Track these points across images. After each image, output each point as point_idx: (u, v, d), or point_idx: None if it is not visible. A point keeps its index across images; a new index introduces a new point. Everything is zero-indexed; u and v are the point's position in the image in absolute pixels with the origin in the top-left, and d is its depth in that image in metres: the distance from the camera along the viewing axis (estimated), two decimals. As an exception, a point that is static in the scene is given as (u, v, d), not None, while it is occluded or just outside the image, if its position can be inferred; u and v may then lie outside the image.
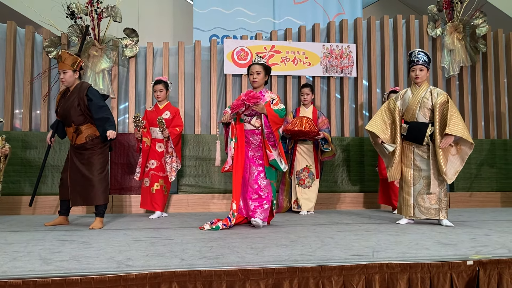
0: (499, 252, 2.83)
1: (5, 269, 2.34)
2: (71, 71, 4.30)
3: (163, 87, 5.36)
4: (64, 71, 4.29)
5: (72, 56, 4.34)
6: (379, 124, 4.62)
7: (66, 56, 4.30)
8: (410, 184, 4.50)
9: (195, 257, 2.69)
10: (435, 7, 7.05)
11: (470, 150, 4.40)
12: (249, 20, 8.35)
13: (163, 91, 5.36)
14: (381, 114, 4.66)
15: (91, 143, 4.29)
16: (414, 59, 4.50)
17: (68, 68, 4.29)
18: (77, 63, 4.36)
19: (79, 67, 4.40)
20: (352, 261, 2.53)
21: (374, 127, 4.60)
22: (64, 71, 4.29)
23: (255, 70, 4.38)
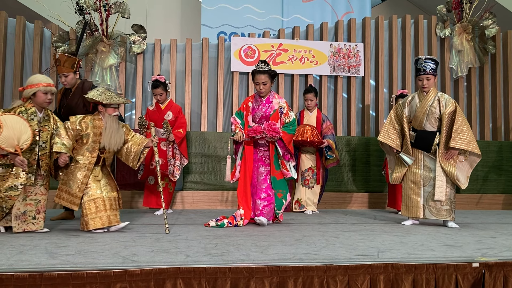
0: (505, 255, 2.81)
1: (11, 262, 2.36)
2: (72, 73, 4.30)
3: (162, 90, 5.15)
4: (65, 74, 4.27)
5: (70, 57, 4.32)
6: (390, 132, 4.59)
7: (64, 59, 4.26)
8: (420, 185, 4.45)
9: (200, 253, 2.69)
10: (444, 8, 7.01)
11: (478, 159, 4.38)
12: (257, 18, 8.34)
13: (163, 94, 5.16)
14: (391, 122, 4.62)
15: None
16: (420, 68, 4.42)
17: (69, 71, 4.27)
18: (76, 63, 4.35)
19: (79, 67, 4.40)
20: (357, 261, 2.52)
21: (387, 138, 4.57)
22: (65, 74, 4.27)
23: (261, 81, 4.29)
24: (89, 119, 3.74)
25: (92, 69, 6.17)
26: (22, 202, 3.51)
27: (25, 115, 3.49)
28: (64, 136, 3.60)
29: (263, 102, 4.37)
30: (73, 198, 3.62)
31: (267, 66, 4.32)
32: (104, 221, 3.59)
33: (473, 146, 4.29)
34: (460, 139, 4.26)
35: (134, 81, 6.48)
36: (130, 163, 3.87)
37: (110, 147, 3.72)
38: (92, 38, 6.11)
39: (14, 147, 3.36)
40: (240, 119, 4.40)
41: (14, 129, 3.37)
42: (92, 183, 3.64)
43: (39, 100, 3.56)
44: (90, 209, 3.58)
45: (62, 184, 3.69)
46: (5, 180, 3.46)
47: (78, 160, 3.66)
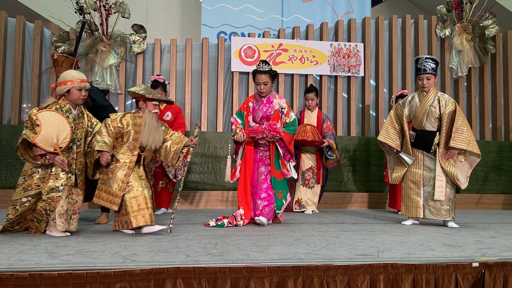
0: (505, 255, 2.81)
1: (11, 261, 2.36)
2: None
3: (161, 90, 5.16)
4: None
5: (68, 58, 4.31)
6: (390, 132, 4.59)
7: (62, 59, 4.26)
8: (420, 185, 4.45)
9: (200, 253, 2.69)
10: (444, 8, 7.01)
11: (478, 158, 4.39)
12: (257, 18, 8.34)
13: (162, 95, 5.15)
14: (391, 122, 4.63)
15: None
16: (421, 67, 4.42)
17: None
18: (74, 64, 4.35)
19: (77, 67, 4.40)
20: (357, 261, 2.52)
21: (387, 138, 4.58)
22: None
23: (262, 81, 4.30)
24: (130, 116, 3.66)
25: (92, 69, 6.17)
26: (65, 200, 3.38)
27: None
28: (105, 134, 3.51)
29: (264, 102, 4.37)
30: (113, 197, 3.51)
31: (268, 66, 4.33)
32: (146, 219, 3.47)
33: (472, 146, 4.29)
34: (460, 139, 4.26)
35: (134, 81, 6.47)
36: (170, 162, 3.79)
37: (148, 145, 3.62)
38: (92, 38, 6.11)
39: (53, 146, 3.26)
40: (240, 119, 4.40)
41: (52, 126, 3.27)
42: (134, 181, 3.54)
43: (74, 97, 3.45)
44: (132, 207, 3.47)
45: (101, 183, 3.58)
46: (46, 181, 3.34)
47: (119, 158, 3.56)
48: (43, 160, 3.33)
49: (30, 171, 3.38)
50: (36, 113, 3.28)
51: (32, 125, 3.26)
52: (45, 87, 6.27)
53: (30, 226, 3.47)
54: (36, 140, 3.21)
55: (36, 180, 3.35)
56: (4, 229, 3.40)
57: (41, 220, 3.40)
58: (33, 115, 3.26)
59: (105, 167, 3.57)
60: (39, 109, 3.34)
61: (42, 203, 3.35)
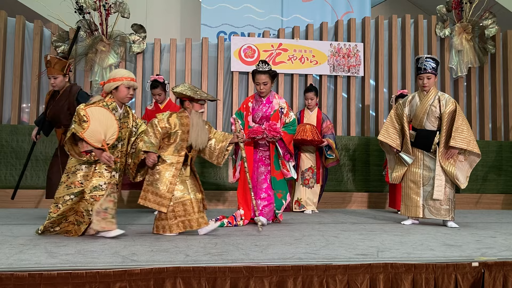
0: (505, 255, 2.81)
1: (11, 261, 2.36)
2: (61, 76, 4.28)
3: (161, 90, 5.18)
4: (54, 76, 4.27)
5: (61, 60, 4.32)
6: (390, 132, 4.59)
7: (55, 61, 4.27)
8: (419, 185, 4.45)
9: (200, 253, 2.69)
10: (444, 7, 7.00)
11: (478, 158, 4.39)
12: (257, 17, 8.33)
13: (162, 94, 5.19)
14: (391, 121, 4.63)
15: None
16: (421, 67, 4.42)
17: (58, 73, 4.27)
18: (66, 67, 4.36)
19: (69, 70, 4.41)
20: (357, 261, 2.52)
21: (387, 137, 4.58)
22: (55, 76, 4.27)
23: (261, 81, 4.29)
24: (176, 116, 3.56)
25: (92, 68, 6.17)
26: (106, 198, 3.25)
27: None
28: (152, 134, 3.43)
29: (263, 102, 4.37)
30: (161, 199, 3.43)
31: (267, 66, 4.33)
32: (193, 224, 3.42)
33: (472, 145, 4.29)
34: (460, 139, 4.26)
35: (134, 81, 6.47)
36: (215, 160, 3.72)
37: (197, 145, 3.55)
38: (92, 38, 6.11)
39: (101, 142, 3.18)
40: (240, 119, 4.40)
41: (100, 122, 3.20)
42: (180, 184, 3.46)
43: (121, 95, 3.36)
44: (179, 211, 3.42)
45: (147, 185, 3.49)
46: (89, 179, 3.25)
47: (166, 159, 3.49)
48: (88, 157, 3.23)
49: (73, 168, 3.28)
50: (84, 108, 3.21)
51: (80, 121, 3.18)
52: (44, 86, 6.27)
53: (70, 230, 3.36)
54: (84, 134, 3.14)
55: (80, 178, 3.25)
56: (45, 229, 3.31)
57: (81, 223, 3.30)
58: (81, 110, 3.19)
59: (151, 168, 3.48)
60: (87, 105, 3.26)
61: (84, 203, 3.25)
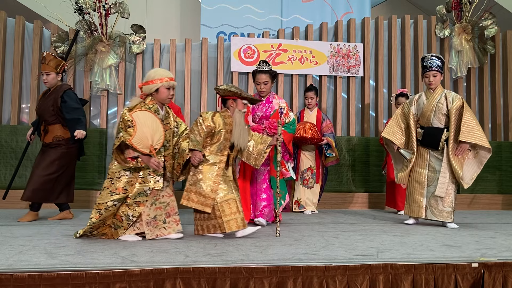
0: (504, 255, 2.81)
1: (11, 262, 2.36)
2: (54, 74, 4.34)
3: None
4: (47, 73, 4.32)
5: (56, 59, 4.37)
6: (395, 130, 4.59)
7: (50, 58, 4.33)
8: (424, 185, 4.45)
9: (200, 254, 2.69)
10: (444, 8, 7.00)
11: (488, 154, 4.33)
12: (256, 18, 8.34)
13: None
14: (396, 120, 4.64)
15: (56, 143, 4.31)
16: (427, 65, 4.45)
17: (51, 71, 4.32)
18: (61, 66, 4.40)
19: (62, 70, 4.44)
20: (357, 261, 2.52)
21: (390, 134, 4.59)
22: (47, 73, 4.32)
23: (262, 81, 4.31)
24: (219, 115, 3.52)
25: (92, 69, 6.16)
26: (151, 207, 3.23)
27: None
28: (197, 132, 3.39)
29: (263, 102, 4.38)
30: (205, 199, 3.38)
31: (268, 66, 4.35)
32: (239, 223, 3.37)
33: (482, 140, 4.25)
34: (470, 133, 4.23)
35: (133, 81, 6.47)
36: (252, 162, 3.68)
37: (239, 145, 3.50)
38: (92, 38, 6.11)
39: (148, 147, 3.11)
40: None
41: (147, 127, 3.13)
42: (224, 184, 3.43)
43: (162, 96, 3.29)
44: (224, 211, 3.35)
45: (190, 185, 3.43)
46: (133, 185, 3.17)
47: (209, 159, 3.44)
48: (134, 163, 3.14)
49: (117, 174, 3.19)
50: (130, 113, 3.13)
51: (126, 126, 3.10)
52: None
53: (106, 233, 3.31)
54: (132, 141, 3.07)
55: (124, 184, 3.17)
56: (84, 233, 3.25)
57: (119, 227, 3.24)
58: (126, 115, 3.12)
59: (194, 167, 3.44)
60: (130, 109, 3.18)
61: (124, 208, 3.19)
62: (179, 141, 3.41)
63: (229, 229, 3.36)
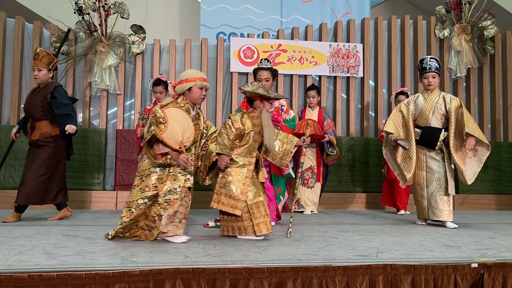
0: (504, 255, 2.82)
1: (10, 262, 2.36)
2: (45, 70, 4.35)
3: (163, 88, 5.26)
4: (39, 68, 4.33)
5: (49, 55, 4.39)
6: (396, 124, 4.61)
7: (44, 54, 4.34)
8: (423, 187, 4.50)
9: (199, 254, 2.69)
10: (443, 8, 7.01)
11: (487, 152, 4.37)
12: (256, 18, 8.34)
13: (163, 93, 5.26)
14: (394, 116, 4.66)
15: (43, 140, 4.30)
16: (426, 66, 4.52)
17: (44, 67, 4.33)
18: (53, 63, 4.41)
19: (54, 67, 4.45)
20: (356, 262, 2.52)
21: (389, 128, 4.60)
22: (39, 68, 4.33)
23: (263, 77, 4.34)
24: (247, 117, 3.47)
25: (91, 69, 6.16)
26: (178, 202, 3.18)
27: None
28: (225, 136, 3.36)
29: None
30: (235, 201, 3.35)
31: (269, 64, 4.42)
32: (268, 226, 3.34)
33: (482, 136, 4.32)
34: (473, 128, 4.28)
35: (133, 82, 6.47)
36: (278, 162, 3.63)
37: (269, 146, 3.46)
38: (91, 39, 6.11)
39: (178, 143, 3.09)
40: None
41: (179, 123, 3.11)
42: (252, 186, 3.40)
43: (195, 96, 3.28)
44: (254, 213, 3.33)
45: (220, 187, 3.40)
46: (163, 183, 3.14)
47: (238, 161, 3.40)
48: (163, 160, 3.13)
49: (147, 171, 3.17)
50: (161, 109, 3.13)
51: (157, 122, 3.09)
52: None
53: (140, 235, 3.26)
54: (163, 136, 3.05)
55: (154, 181, 3.14)
56: (116, 234, 3.21)
57: (153, 228, 3.20)
58: (158, 111, 3.11)
59: (222, 170, 3.41)
60: (162, 106, 3.17)
61: (156, 208, 3.15)
62: (207, 143, 3.40)
63: (259, 232, 3.34)
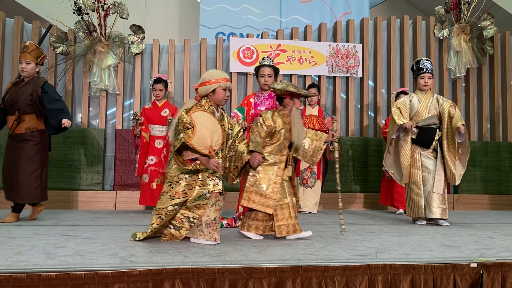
0: (503, 255, 2.82)
1: (9, 262, 2.35)
2: (33, 64, 4.34)
3: (163, 86, 5.37)
4: (27, 61, 4.31)
5: (38, 49, 4.40)
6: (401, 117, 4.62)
7: (33, 48, 4.34)
8: (420, 186, 4.57)
9: (199, 254, 2.69)
10: (443, 8, 7.02)
11: (467, 155, 4.55)
12: (255, 18, 8.34)
13: (163, 91, 5.38)
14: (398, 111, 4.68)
15: (30, 134, 4.27)
16: (423, 67, 4.65)
17: (32, 60, 4.33)
18: (41, 57, 4.42)
19: (42, 62, 4.45)
20: (355, 262, 2.52)
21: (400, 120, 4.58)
22: (28, 61, 4.31)
23: (266, 73, 4.38)
24: (277, 115, 3.44)
25: (91, 69, 6.16)
26: (211, 208, 3.13)
27: None
28: (257, 133, 3.34)
29: (266, 97, 4.43)
30: (266, 200, 3.32)
31: (272, 62, 4.48)
32: (289, 229, 3.33)
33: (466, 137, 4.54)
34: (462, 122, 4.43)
35: (132, 82, 6.47)
36: (309, 160, 3.58)
37: (298, 143, 3.44)
38: (91, 39, 6.10)
39: (207, 148, 3.04)
40: (241, 113, 4.46)
41: (206, 127, 3.08)
42: (280, 187, 3.37)
43: (219, 97, 3.23)
44: (277, 215, 3.33)
45: (250, 185, 3.36)
46: (192, 189, 3.09)
47: (269, 159, 3.37)
48: (193, 166, 3.08)
49: (176, 178, 3.13)
50: (188, 114, 3.10)
51: (184, 128, 3.05)
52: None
53: (164, 233, 3.23)
54: (192, 142, 3.01)
55: (183, 187, 3.10)
56: (144, 238, 3.18)
57: (180, 228, 3.16)
58: (185, 116, 3.08)
59: (252, 168, 3.38)
60: (187, 111, 3.14)
61: (184, 210, 3.13)
62: (235, 144, 3.36)
63: (279, 234, 3.34)
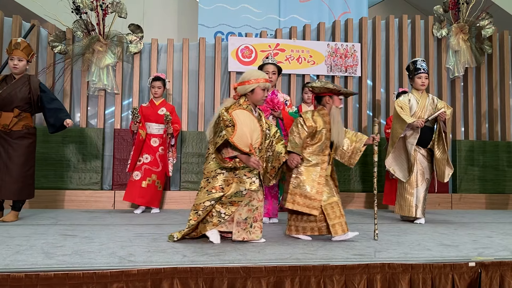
0: (501, 254, 2.82)
1: (7, 262, 2.35)
2: (25, 61, 4.38)
3: (161, 84, 5.48)
4: (20, 58, 4.32)
5: (29, 47, 4.43)
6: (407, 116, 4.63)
7: (25, 45, 4.37)
8: (414, 185, 4.65)
9: (197, 253, 2.69)
10: (441, 8, 7.02)
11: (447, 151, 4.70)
12: (254, 17, 8.33)
13: (161, 88, 5.48)
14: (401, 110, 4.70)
15: (27, 132, 4.31)
16: (420, 67, 4.74)
17: (24, 57, 4.36)
18: (31, 54, 4.45)
19: (32, 59, 4.48)
20: (354, 261, 2.53)
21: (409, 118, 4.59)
22: (20, 58, 4.33)
23: (270, 70, 4.44)
24: (317, 114, 3.41)
25: (89, 68, 6.15)
26: (244, 208, 3.14)
27: None
28: (296, 134, 3.31)
29: (269, 95, 4.46)
30: (311, 201, 3.29)
31: (275, 60, 4.59)
32: (344, 227, 3.29)
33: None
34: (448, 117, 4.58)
35: (131, 81, 6.46)
36: (347, 161, 3.54)
37: (339, 143, 3.42)
38: (89, 38, 6.09)
39: (248, 146, 3.05)
40: None
41: (246, 125, 3.08)
42: (326, 186, 3.35)
43: (257, 97, 3.23)
44: (329, 214, 3.28)
45: (294, 187, 3.34)
46: (229, 185, 3.10)
47: (311, 159, 3.35)
48: (232, 163, 3.08)
49: (214, 173, 3.14)
50: (228, 112, 3.10)
51: (225, 126, 3.05)
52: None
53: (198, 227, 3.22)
54: (233, 139, 3.01)
55: (221, 182, 3.11)
56: (182, 236, 3.18)
57: (208, 222, 3.15)
58: (225, 114, 3.08)
59: (295, 169, 3.36)
60: (227, 109, 3.14)
61: (217, 205, 3.12)
62: (273, 144, 3.33)
63: (335, 233, 3.29)
